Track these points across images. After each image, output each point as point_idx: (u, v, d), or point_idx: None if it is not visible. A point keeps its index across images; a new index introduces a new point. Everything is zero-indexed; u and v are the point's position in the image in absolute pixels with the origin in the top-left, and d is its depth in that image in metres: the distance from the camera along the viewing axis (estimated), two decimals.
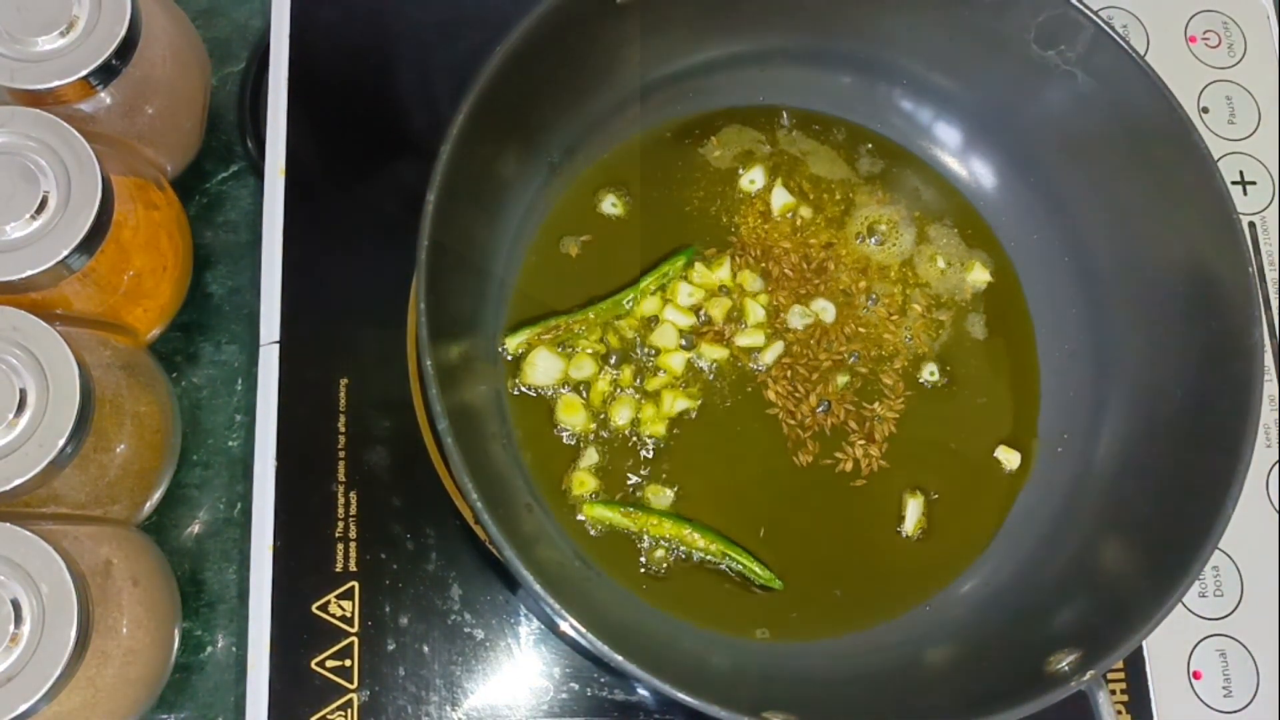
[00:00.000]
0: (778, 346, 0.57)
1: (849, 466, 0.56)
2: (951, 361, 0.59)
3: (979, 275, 0.60)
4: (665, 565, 0.53)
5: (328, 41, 0.60)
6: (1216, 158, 0.52)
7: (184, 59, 0.56)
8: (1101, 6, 0.67)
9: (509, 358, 0.55)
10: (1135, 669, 0.55)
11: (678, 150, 0.60)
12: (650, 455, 0.55)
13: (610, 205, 0.58)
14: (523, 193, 0.57)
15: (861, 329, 0.58)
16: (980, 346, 0.59)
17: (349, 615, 0.52)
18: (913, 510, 0.56)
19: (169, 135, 0.56)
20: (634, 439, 0.55)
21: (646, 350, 0.56)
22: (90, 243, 0.47)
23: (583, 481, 0.54)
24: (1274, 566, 0.58)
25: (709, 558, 0.53)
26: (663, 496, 0.54)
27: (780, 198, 0.60)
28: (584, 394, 0.55)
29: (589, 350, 0.55)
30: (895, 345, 0.58)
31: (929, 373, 0.58)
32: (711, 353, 0.56)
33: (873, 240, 0.60)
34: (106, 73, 0.50)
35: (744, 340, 0.57)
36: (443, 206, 0.47)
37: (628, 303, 0.56)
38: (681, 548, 0.53)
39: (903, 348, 0.58)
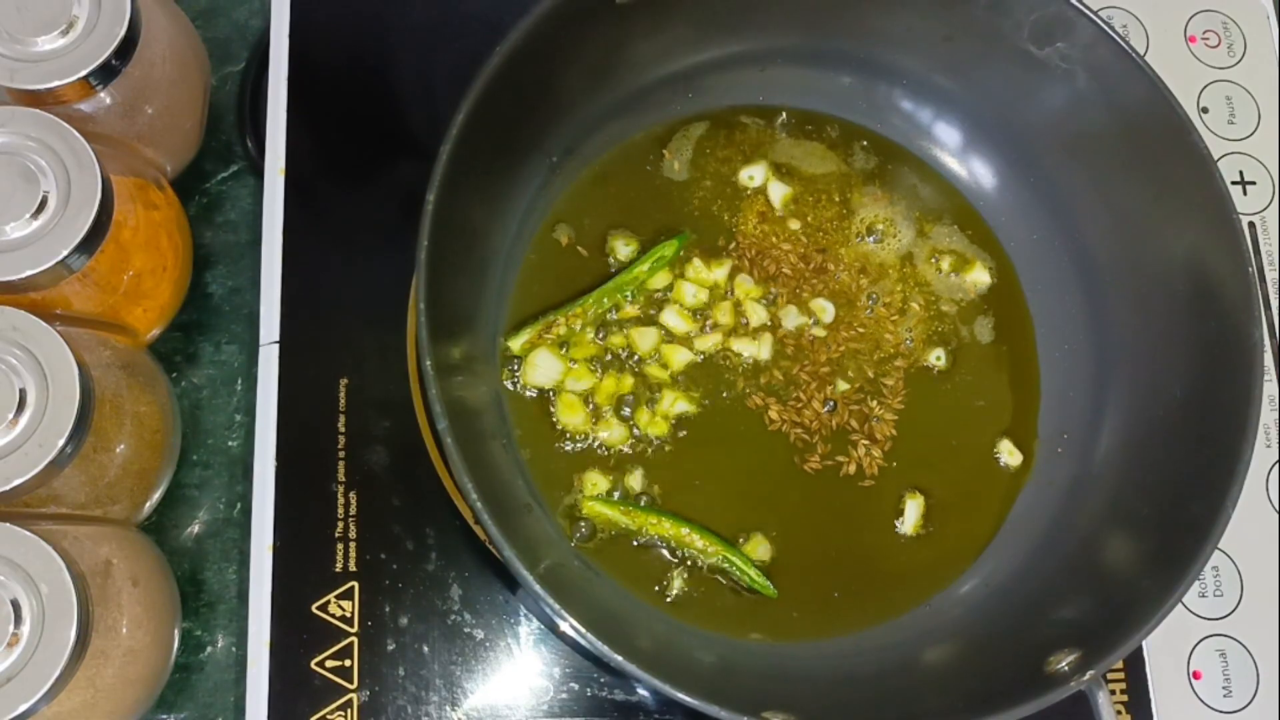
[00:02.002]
0: (767, 339, 0.57)
1: (852, 469, 0.56)
2: (951, 361, 0.59)
3: (979, 275, 0.60)
4: (666, 566, 0.53)
5: (328, 41, 0.60)
6: (1216, 158, 0.52)
7: (184, 59, 0.56)
8: (1101, 6, 0.66)
9: (512, 357, 0.55)
10: (1135, 669, 0.55)
11: (678, 150, 0.60)
12: (651, 455, 0.55)
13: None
14: (523, 192, 0.57)
15: (861, 329, 0.58)
16: (980, 346, 0.59)
17: (349, 615, 0.52)
18: (912, 511, 0.56)
19: (169, 135, 0.56)
20: (635, 439, 0.55)
21: (649, 353, 0.56)
22: (90, 243, 0.47)
23: (594, 483, 0.54)
24: (1274, 566, 0.58)
25: (706, 560, 0.53)
26: (657, 487, 0.54)
27: (778, 191, 0.60)
28: (587, 399, 0.55)
29: (588, 357, 0.55)
30: (895, 346, 0.58)
31: (929, 371, 0.58)
32: (705, 343, 0.56)
33: (871, 240, 0.60)
34: (106, 73, 0.50)
35: (742, 346, 0.57)
36: (442, 207, 0.47)
37: (627, 296, 0.56)
38: (680, 548, 0.53)
39: (903, 348, 0.58)
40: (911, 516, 0.56)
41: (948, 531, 0.56)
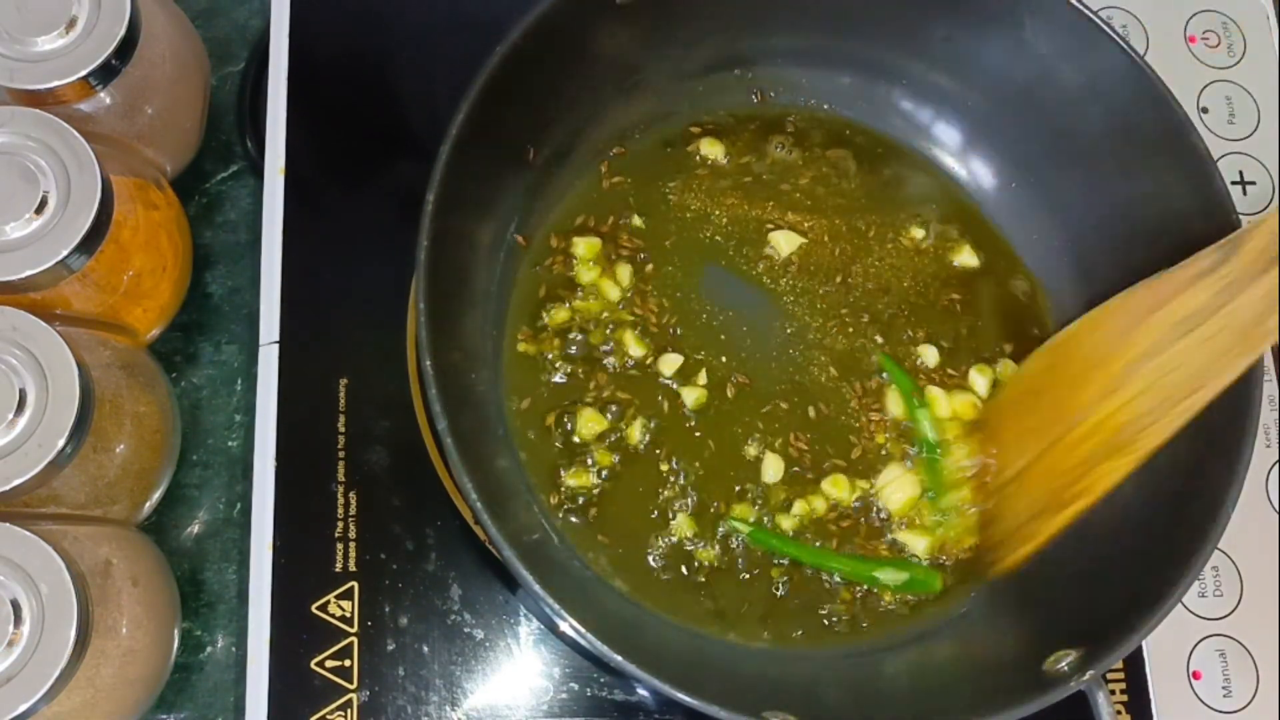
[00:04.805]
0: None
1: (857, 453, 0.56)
2: (951, 365, 0.58)
3: (971, 262, 0.60)
4: (665, 564, 0.53)
5: (328, 41, 0.60)
6: (1216, 158, 0.52)
7: (184, 59, 0.56)
8: (1101, 6, 0.67)
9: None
10: (1135, 669, 0.55)
11: (677, 150, 0.60)
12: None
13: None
14: (523, 192, 0.57)
15: (867, 332, 0.58)
16: (980, 347, 0.59)
17: (348, 615, 0.52)
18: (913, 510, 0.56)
19: (169, 135, 0.56)
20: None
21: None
22: (90, 243, 0.47)
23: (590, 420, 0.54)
24: (1274, 566, 0.58)
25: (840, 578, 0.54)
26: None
27: (785, 239, 0.59)
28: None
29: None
30: (896, 356, 0.58)
31: (931, 372, 0.58)
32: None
33: (871, 239, 0.60)
34: (106, 73, 0.50)
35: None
36: (442, 207, 0.47)
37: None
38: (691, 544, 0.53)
39: (906, 363, 0.58)
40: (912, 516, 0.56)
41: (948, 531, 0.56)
